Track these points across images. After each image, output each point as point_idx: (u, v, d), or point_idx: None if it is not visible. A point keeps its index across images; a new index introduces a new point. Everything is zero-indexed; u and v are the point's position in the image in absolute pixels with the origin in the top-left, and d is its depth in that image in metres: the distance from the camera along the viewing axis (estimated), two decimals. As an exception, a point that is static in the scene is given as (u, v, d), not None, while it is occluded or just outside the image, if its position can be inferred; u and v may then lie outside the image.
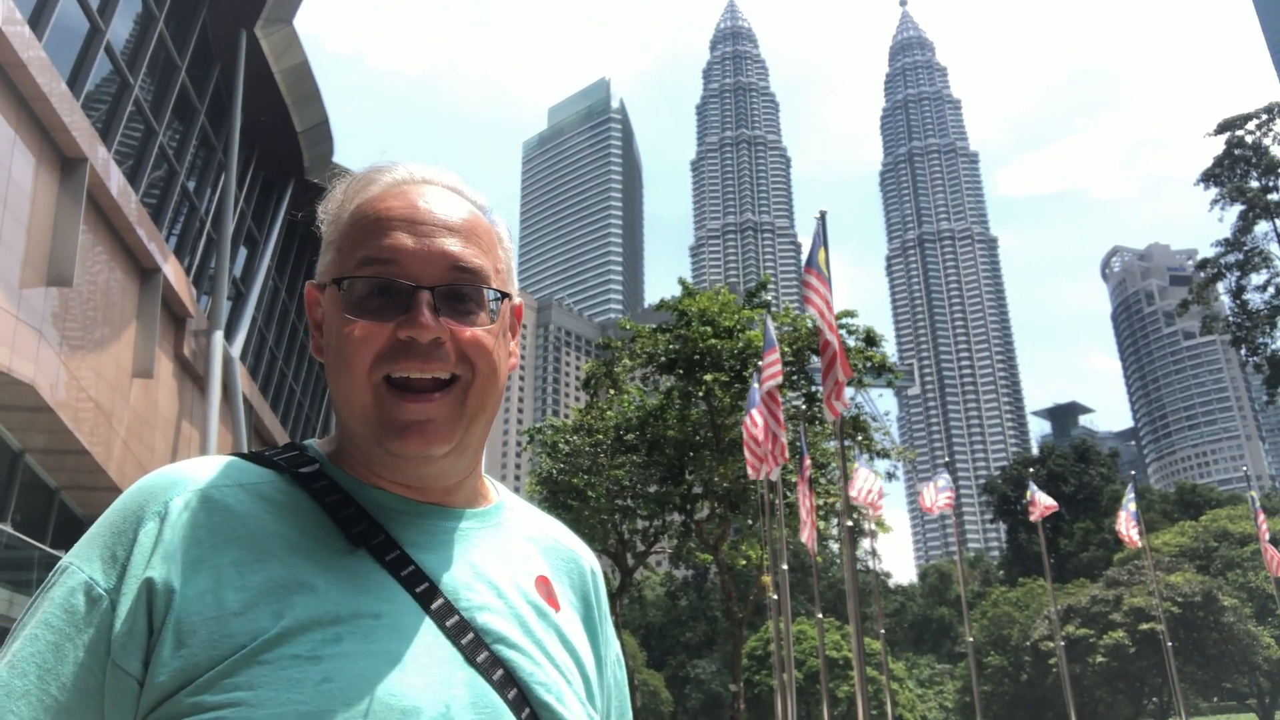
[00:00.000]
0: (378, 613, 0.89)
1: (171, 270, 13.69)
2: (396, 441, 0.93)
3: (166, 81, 14.17)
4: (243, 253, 18.07)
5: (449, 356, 0.95)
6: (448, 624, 0.92)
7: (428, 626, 0.91)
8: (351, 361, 0.94)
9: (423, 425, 0.93)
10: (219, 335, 14.95)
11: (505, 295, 1.01)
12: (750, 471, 15.61)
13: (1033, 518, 24.23)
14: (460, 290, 0.97)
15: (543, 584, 1.04)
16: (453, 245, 0.97)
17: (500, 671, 0.92)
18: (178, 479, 0.94)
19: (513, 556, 1.04)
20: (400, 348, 0.93)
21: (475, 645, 0.92)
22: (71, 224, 10.65)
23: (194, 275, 15.52)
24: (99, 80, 12.12)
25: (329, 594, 0.88)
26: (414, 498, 0.99)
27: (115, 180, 11.83)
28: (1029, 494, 24.51)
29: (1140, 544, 24.99)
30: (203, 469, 0.96)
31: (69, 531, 12.86)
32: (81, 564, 0.90)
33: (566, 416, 28.44)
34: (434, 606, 0.92)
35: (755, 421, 15.72)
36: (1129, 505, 24.14)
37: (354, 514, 0.95)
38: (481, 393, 0.97)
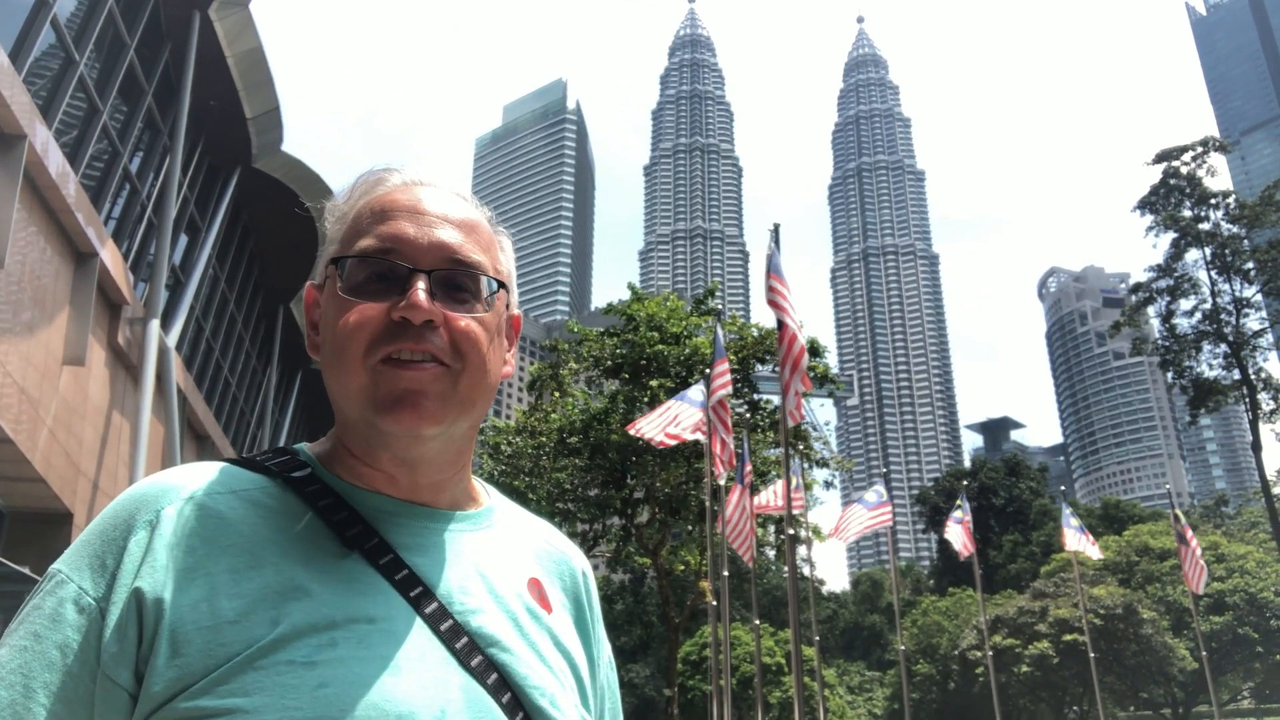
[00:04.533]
0: (372, 617, 0.89)
1: (109, 255, 13.29)
2: (389, 416, 0.93)
3: (114, 59, 13.75)
4: (183, 240, 17.60)
5: (443, 343, 0.95)
6: (442, 628, 0.92)
7: (422, 630, 0.91)
8: (348, 343, 0.94)
9: (416, 397, 0.93)
10: (155, 324, 14.54)
11: (502, 286, 1.02)
12: (715, 472, 15.61)
13: (957, 545, 24.77)
14: (457, 278, 0.98)
15: (535, 586, 1.05)
16: (452, 236, 0.99)
17: (494, 676, 0.92)
18: (169, 487, 0.93)
19: (504, 559, 1.04)
20: (395, 329, 0.93)
21: (469, 649, 0.92)
22: (5, 203, 10.28)
23: (132, 261, 15.08)
24: (41, 54, 11.72)
25: (324, 599, 0.88)
26: (406, 499, 0.99)
27: (54, 159, 11.45)
28: (961, 515, 24.96)
29: (1100, 555, 25.60)
30: (194, 476, 0.95)
31: (-10, 521, 12.39)
32: (71, 573, 0.89)
33: (509, 418, 28.26)
34: (428, 610, 0.92)
35: (661, 410, 15.87)
36: (1070, 520, 24.75)
37: (347, 517, 0.95)
38: (473, 384, 0.97)
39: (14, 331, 11.06)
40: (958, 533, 24.55)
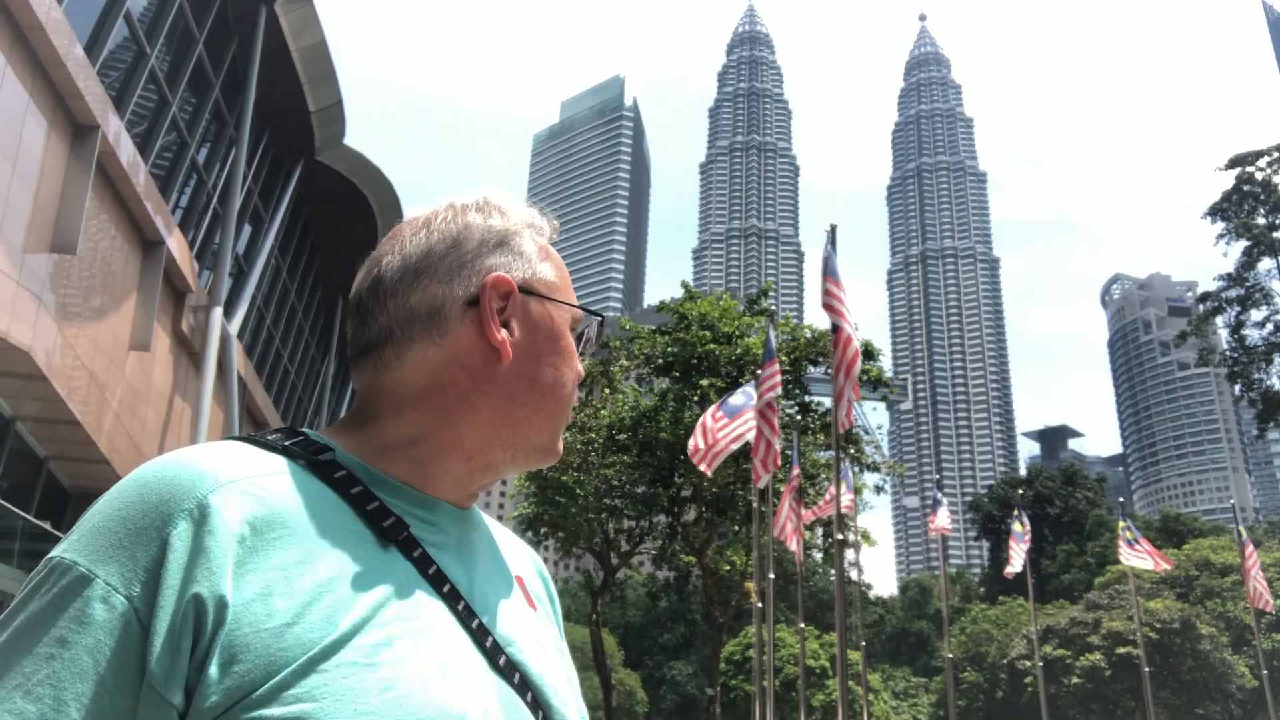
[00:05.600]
0: (418, 615, 0.87)
1: (175, 244, 13.64)
2: (552, 455, 1.04)
3: (183, 52, 14.11)
4: (247, 230, 18.01)
5: None
6: (473, 626, 0.91)
7: (458, 629, 0.89)
8: (573, 390, 1.03)
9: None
10: (218, 312, 14.91)
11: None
12: (755, 478, 15.57)
13: (1015, 564, 24.39)
14: None
15: (520, 584, 1.05)
16: None
17: (518, 676, 0.92)
18: (203, 470, 0.84)
19: (498, 557, 1.05)
20: None
21: (496, 649, 0.92)
22: (79, 191, 10.60)
23: (197, 250, 15.47)
24: (115, 47, 12.07)
25: (374, 596, 0.85)
26: (428, 493, 0.97)
27: (125, 150, 11.78)
28: (1021, 530, 24.55)
29: (1164, 567, 24.96)
30: (223, 458, 0.86)
31: (55, 502, 12.82)
32: (92, 566, 0.79)
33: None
34: (459, 609, 0.91)
35: (715, 419, 15.73)
36: (1125, 533, 24.17)
37: (379, 507, 0.91)
38: None
39: (84, 316, 11.41)
40: (1017, 552, 24.16)
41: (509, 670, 0.91)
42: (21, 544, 11.27)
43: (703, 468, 15.79)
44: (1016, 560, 24.22)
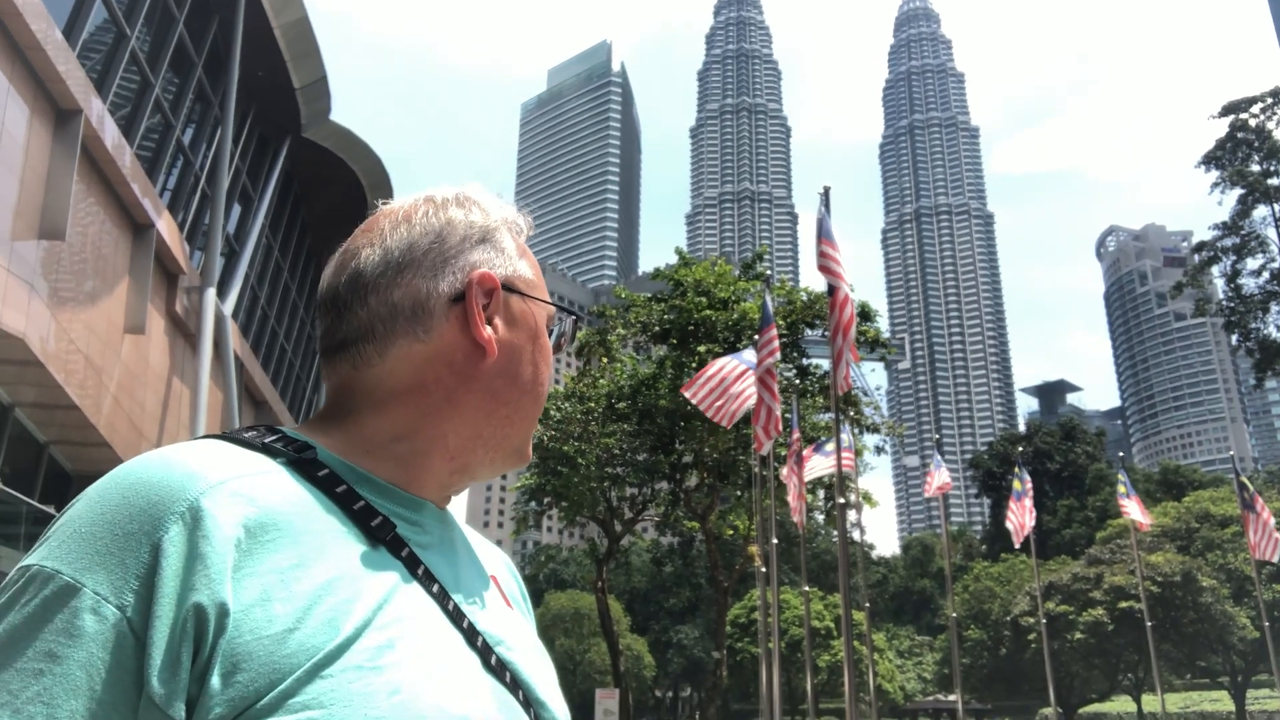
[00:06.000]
0: (415, 616, 0.85)
1: (165, 225, 13.55)
2: (523, 458, 1.04)
3: (164, 33, 13.92)
4: (236, 209, 17.88)
5: None
6: (463, 626, 0.90)
7: (450, 629, 0.88)
8: (546, 390, 1.03)
9: None
10: (211, 292, 14.86)
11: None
12: (757, 445, 15.62)
13: (1015, 526, 24.23)
14: None
15: (495, 583, 1.04)
16: None
17: (508, 674, 0.92)
18: (191, 471, 0.80)
19: (474, 557, 1.04)
20: None
21: (486, 648, 0.91)
22: (65, 176, 10.51)
23: (187, 231, 15.37)
24: (94, 29, 11.90)
25: (372, 597, 0.82)
26: (412, 492, 0.95)
27: (110, 133, 11.67)
28: (1021, 489, 24.48)
29: (1149, 524, 25.16)
30: (209, 457, 0.83)
31: (57, 486, 12.85)
32: (77, 575, 0.74)
33: (558, 382, 28.46)
34: (450, 608, 0.90)
35: (709, 377, 15.79)
36: (1123, 490, 24.32)
37: (366, 507, 0.89)
38: None
39: (77, 301, 11.36)
40: (1019, 512, 24.12)
41: (500, 669, 0.91)
42: (26, 528, 11.31)
43: (713, 414, 15.82)
44: (1015, 519, 24.23)
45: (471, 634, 0.90)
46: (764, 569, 17.99)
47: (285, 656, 0.75)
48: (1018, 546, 25.51)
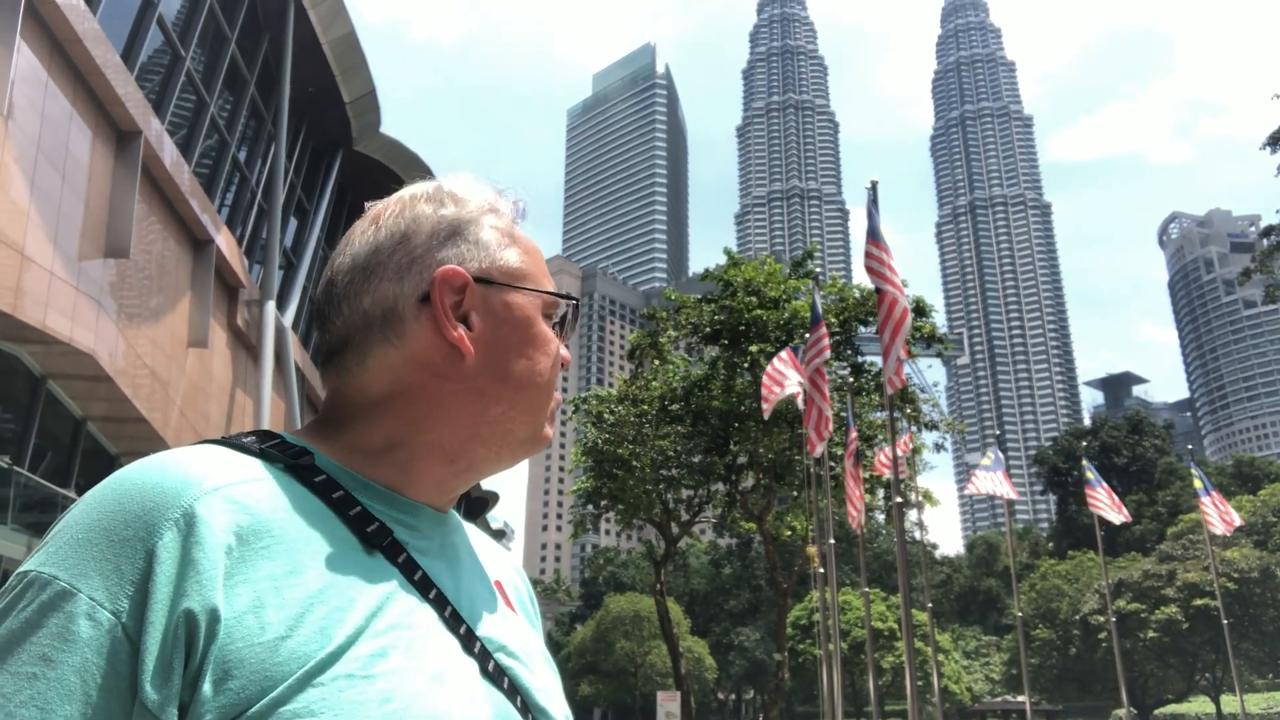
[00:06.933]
0: (410, 623, 0.84)
1: (224, 241, 13.88)
2: (541, 443, 1.00)
3: (217, 53, 14.28)
4: (293, 223, 18.26)
5: None
6: (460, 632, 0.89)
7: (448, 636, 0.87)
8: (552, 374, 0.99)
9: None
10: (271, 305, 15.18)
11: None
12: (810, 447, 15.51)
13: (1110, 514, 23.38)
14: None
15: (500, 588, 1.03)
16: None
17: (506, 680, 0.90)
18: (185, 477, 0.80)
19: (476, 562, 1.02)
20: None
21: (485, 655, 0.90)
22: (127, 196, 10.82)
23: (246, 246, 15.73)
24: (151, 52, 12.24)
25: (366, 604, 0.82)
26: (410, 496, 0.94)
27: (169, 152, 11.99)
28: (1094, 480, 23.66)
29: (1235, 524, 24.07)
30: (204, 463, 0.83)
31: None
32: (72, 580, 0.74)
33: (611, 385, 28.51)
34: (446, 615, 0.89)
35: (775, 380, 15.72)
36: (1207, 497, 23.32)
37: (362, 513, 0.88)
38: None
39: (142, 317, 11.69)
40: (1101, 499, 23.35)
41: (498, 676, 0.90)
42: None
43: (809, 450, 16.01)
44: (1108, 509, 23.36)
45: (469, 640, 0.89)
46: (822, 570, 17.79)
47: (277, 664, 0.75)
48: (1122, 523, 24.39)
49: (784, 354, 16.31)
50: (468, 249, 0.97)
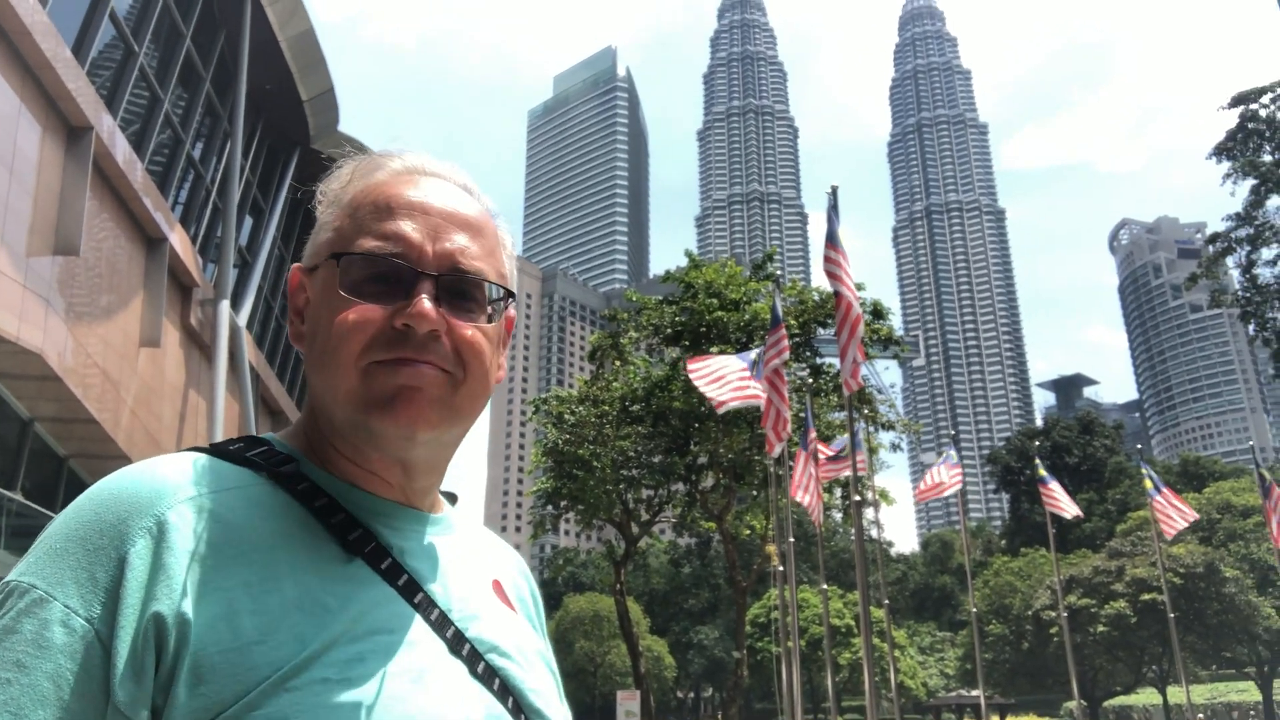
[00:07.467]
0: (390, 628, 0.85)
1: (178, 239, 13.66)
2: (384, 414, 0.87)
3: (171, 48, 14.05)
4: (248, 221, 18.01)
5: (445, 352, 0.90)
6: (447, 634, 0.89)
7: (432, 638, 0.88)
8: (341, 345, 0.88)
9: (412, 393, 0.87)
10: (225, 304, 14.96)
11: (510, 294, 0.97)
12: (769, 447, 15.62)
13: (1066, 509, 23.72)
14: (463, 285, 0.93)
15: (498, 588, 1.03)
16: (460, 239, 0.94)
17: (498, 681, 0.91)
18: (161, 486, 0.82)
19: (474, 562, 1.02)
20: (395, 337, 0.88)
21: (474, 656, 0.90)
22: (78, 192, 10.62)
23: (200, 244, 15.49)
24: (103, 47, 12.02)
25: (344, 611, 0.83)
26: (396, 500, 0.95)
27: (121, 148, 11.78)
28: (1047, 478, 24.02)
29: (1192, 518, 24.53)
30: (181, 472, 0.85)
31: (79, 499, 12.95)
32: (49, 588, 0.76)
33: (571, 386, 28.46)
34: (433, 617, 0.89)
35: (713, 372, 15.69)
36: (1158, 496, 23.73)
37: (345, 520, 0.89)
38: (471, 396, 0.92)
39: (93, 316, 11.46)
40: (1057, 495, 23.66)
41: (488, 676, 0.90)
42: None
43: (707, 393, 15.74)
44: (1064, 503, 23.72)
45: (457, 641, 0.90)
46: (781, 568, 17.95)
47: (250, 669, 0.76)
48: (1075, 518, 24.68)
49: (744, 362, 16.22)
50: (315, 245, 0.99)
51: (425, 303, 0.88)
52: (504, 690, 0.91)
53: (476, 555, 1.04)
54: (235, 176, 15.60)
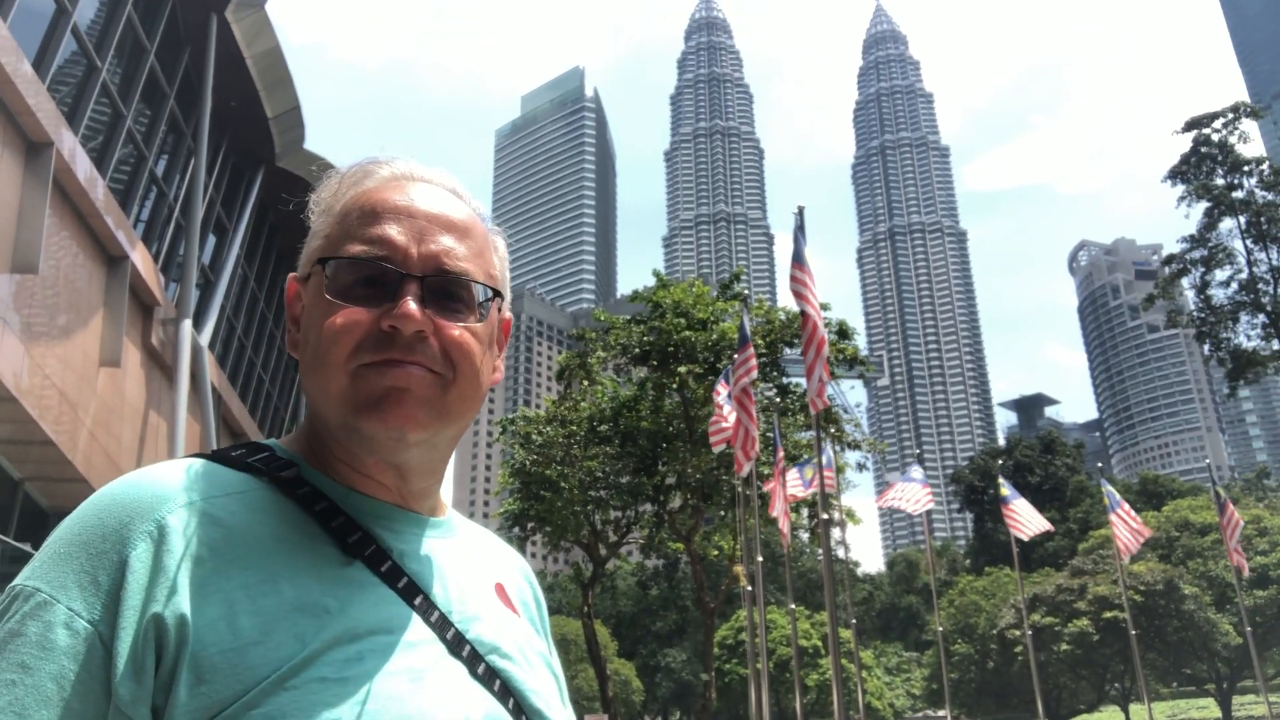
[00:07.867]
0: (389, 628, 0.86)
1: (139, 257, 13.45)
2: (374, 416, 0.88)
3: (135, 64, 13.89)
4: (211, 240, 17.78)
5: (433, 353, 0.90)
6: (448, 636, 0.90)
7: (432, 640, 0.89)
8: (330, 349, 0.89)
9: (401, 395, 0.88)
10: (187, 324, 14.73)
11: (498, 294, 0.98)
12: (737, 467, 15.69)
13: (1031, 528, 23.77)
14: (450, 286, 0.93)
15: (500, 591, 1.04)
16: (446, 241, 0.95)
17: (498, 683, 0.92)
18: (162, 491, 0.85)
19: (476, 565, 1.04)
20: (382, 339, 0.88)
21: (474, 657, 0.91)
22: (37, 209, 10.43)
23: (162, 263, 15.26)
24: (64, 61, 11.85)
25: (343, 612, 0.84)
26: (395, 503, 0.96)
27: (82, 165, 11.60)
28: (1009, 497, 24.17)
29: (1145, 535, 24.77)
30: (183, 477, 0.87)
31: (33, 523, 12.63)
32: (53, 591, 0.79)
33: (539, 407, 28.36)
34: (433, 619, 0.90)
35: (724, 416, 15.91)
36: (1117, 510, 23.93)
37: (344, 523, 0.91)
38: (462, 397, 0.93)
39: (51, 335, 11.23)
40: (1023, 512, 23.72)
41: (489, 678, 0.91)
42: (3, 567, 11.10)
43: (738, 469, 16.25)
44: (1026, 524, 23.77)
45: (458, 643, 0.90)
46: (750, 589, 17.94)
47: (249, 669, 0.78)
48: (1042, 533, 24.59)
49: (719, 386, 16.52)
50: (313, 249, 1.00)
51: (410, 304, 0.89)
52: (505, 691, 0.92)
53: (478, 558, 1.05)
54: (199, 194, 15.41)
